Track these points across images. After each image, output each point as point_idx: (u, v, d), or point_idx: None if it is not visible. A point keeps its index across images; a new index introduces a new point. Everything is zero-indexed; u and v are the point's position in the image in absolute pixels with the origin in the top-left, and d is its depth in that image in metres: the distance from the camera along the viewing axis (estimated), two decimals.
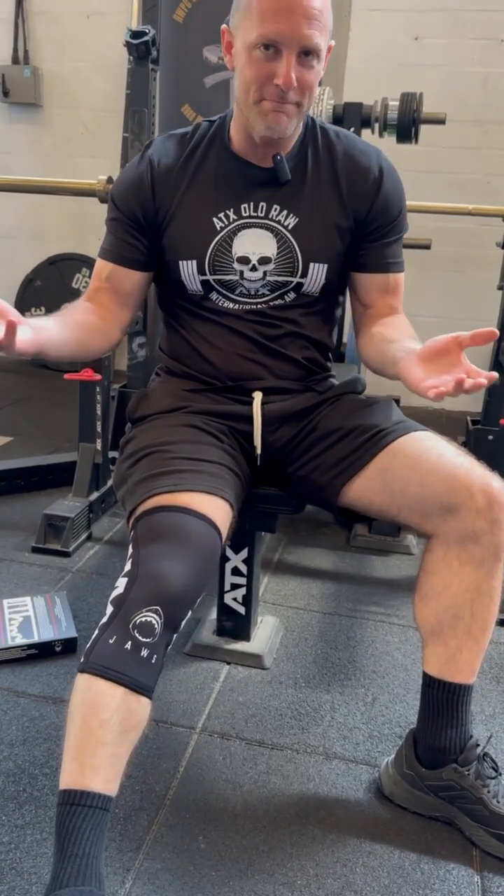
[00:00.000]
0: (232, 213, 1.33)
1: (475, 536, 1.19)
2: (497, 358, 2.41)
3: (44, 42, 3.96)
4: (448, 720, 1.28)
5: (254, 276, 1.34)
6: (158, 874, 1.19)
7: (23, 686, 1.61)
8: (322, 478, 1.36)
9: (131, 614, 1.06)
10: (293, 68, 1.18)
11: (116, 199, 1.37)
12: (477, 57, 3.46)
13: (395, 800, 1.35)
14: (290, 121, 1.25)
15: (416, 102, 2.37)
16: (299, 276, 1.34)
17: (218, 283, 1.35)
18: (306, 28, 1.16)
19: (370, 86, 2.94)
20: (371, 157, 1.36)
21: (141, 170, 1.34)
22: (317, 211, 1.33)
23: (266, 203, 1.32)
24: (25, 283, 4.24)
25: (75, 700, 1.06)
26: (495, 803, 1.27)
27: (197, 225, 1.33)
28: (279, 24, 1.16)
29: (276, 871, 1.21)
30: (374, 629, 1.90)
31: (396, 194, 1.37)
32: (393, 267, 1.41)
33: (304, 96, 1.23)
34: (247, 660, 1.72)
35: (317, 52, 1.19)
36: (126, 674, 1.04)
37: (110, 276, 1.38)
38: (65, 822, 1.01)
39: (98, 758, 1.03)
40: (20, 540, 2.23)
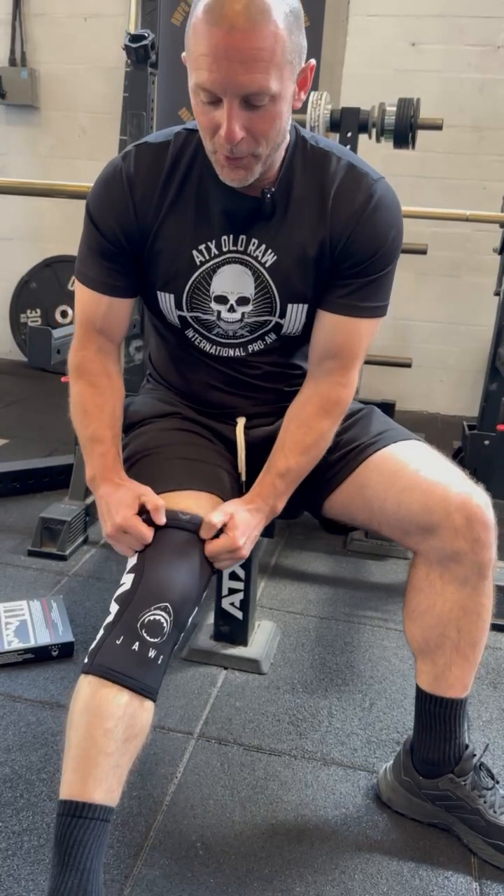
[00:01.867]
0: (213, 248, 1.20)
1: (456, 556, 1.16)
2: (494, 364, 2.41)
3: (41, 44, 3.96)
4: (442, 733, 1.27)
5: (231, 318, 1.24)
6: (157, 881, 1.19)
7: (19, 691, 1.60)
8: (304, 491, 1.33)
9: (139, 613, 1.04)
10: (236, 118, 1.02)
11: (96, 217, 1.21)
12: (474, 63, 3.48)
13: (393, 806, 1.35)
14: (249, 173, 1.10)
15: (413, 108, 2.37)
16: (277, 316, 1.24)
17: (195, 321, 1.26)
18: (244, 74, 0.99)
19: (367, 91, 2.95)
20: (365, 184, 1.18)
21: (119, 187, 1.19)
22: (297, 247, 1.19)
23: (245, 236, 1.19)
24: (21, 285, 4.23)
25: (78, 705, 1.04)
26: (492, 813, 1.26)
27: (177, 256, 1.21)
28: (213, 73, 1.00)
29: (274, 877, 1.21)
30: (371, 634, 1.90)
31: (383, 227, 1.18)
32: (357, 311, 1.21)
33: (258, 145, 1.07)
34: (244, 665, 1.71)
35: (267, 94, 1.02)
36: (133, 676, 1.03)
37: (106, 313, 1.26)
38: (65, 833, 1.00)
39: (101, 769, 1.01)
40: (16, 543, 2.23)
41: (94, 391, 1.27)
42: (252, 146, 1.07)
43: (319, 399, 1.27)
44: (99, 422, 1.25)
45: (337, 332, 1.23)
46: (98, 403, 1.26)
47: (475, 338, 3.72)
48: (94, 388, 1.28)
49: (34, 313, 4.24)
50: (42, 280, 4.21)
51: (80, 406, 1.28)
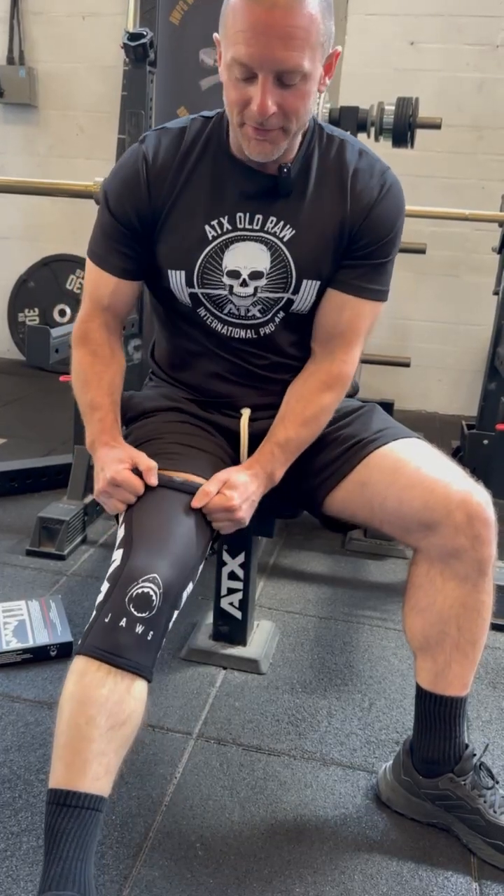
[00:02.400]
0: (226, 223, 1.23)
1: (456, 553, 1.17)
2: (493, 364, 2.41)
3: (39, 43, 3.95)
4: (442, 732, 1.27)
5: (244, 292, 1.26)
6: (156, 882, 1.18)
7: (18, 691, 1.59)
8: (305, 486, 1.34)
9: (127, 587, 1.03)
10: (269, 93, 1.07)
11: (111, 201, 1.26)
12: (472, 62, 3.48)
13: (393, 806, 1.35)
14: (275, 147, 1.15)
15: (411, 107, 2.37)
16: (291, 291, 1.26)
17: (206, 298, 1.27)
18: (281, 50, 1.04)
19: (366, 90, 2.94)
20: (378, 169, 1.25)
21: (135, 167, 1.24)
22: (315, 224, 1.23)
23: (262, 215, 1.23)
24: (19, 284, 4.23)
25: (66, 691, 1.04)
26: (492, 813, 1.26)
27: (188, 232, 1.24)
28: (251, 47, 1.05)
29: (273, 878, 1.20)
30: (371, 634, 1.90)
31: (393, 214, 1.25)
32: (366, 293, 1.27)
33: (289, 121, 1.12)
34: (243, 665, 1.71)
35: (300, 73, 1.07)
36: (119, 654, 1.01)
37: (114, 292, 1.31)
38: (51, 822, 1.00)
39: (84, 756, 1.00)
40: (14, 543, 2.22)
41: (94, 359, 1.31)
42: (282, 120, 1.12)
43: (321, 374, 1.31)
44: (98, 389, 1.29)
45: (344, 311, 1.28)
46: (98, 371, 1.30)
47: (474, 337, 3.73)
48: (95, 356, 1.31)
49: (32, 312, 4.24)
50: (40, 279, 4.20)
51: (81, 373, 1.31)
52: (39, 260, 4.18)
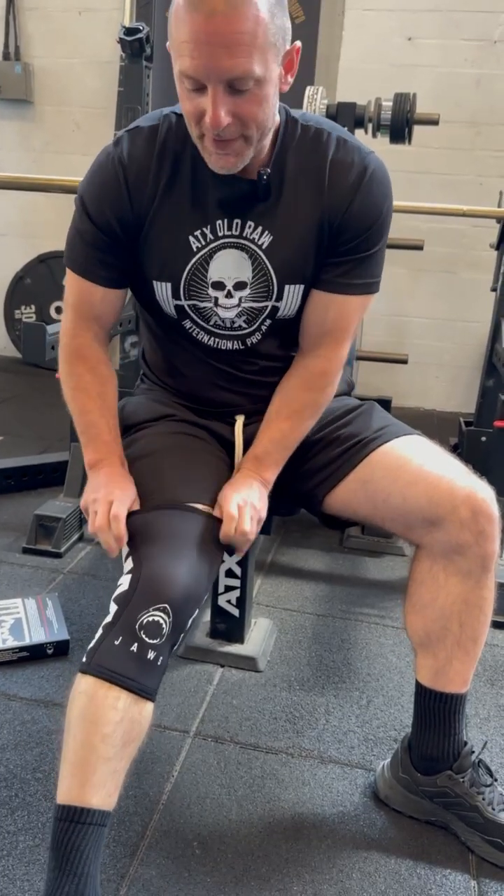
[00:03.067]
0: (209, 233, 1.19)
1: (460, 549, 1.16)
2: (490, 360, 2.41)
3: (35, 38, 3.93)
4: (441, 729, 1.26)
5: (229, 304, 1.22)
6: (153, 881, 1.18)
7: (14, 689, 1.59)
8: (304, 486, 1.33)
9: (137, 613, 1.03)
10: (221, 104, 1.02)
11: (90, 207, 1.19)
12: (470, 58, 3.47)
13: (391, 804, 1.34)
14: (238, 158, 1.10)
15: (409, 103, 2.36)
16: (274, 299, 1.23)
17: (192, 310, 1.24)
18: (227, 58, 0.98)
19: (363, 86, 2.94)
20: (358, 157, 1.18)
21: (113, 171, 1.17)
22: (292, 228, 1.18)
23: (240, 220, 1.18)
24: (15, 281, 4.21)
25: (77, 708, 1.03)
26: (490, 810, 1.26)
27: (173, 244, 1.19)
28: (195, 59, 0.99)
29: (271, 876, 1.20)
30: (368, 631, 1.89)
31: (377, 200, 1.18)
32: (351, 288, 1.22)
33: (247, 128, 1.06)
34: (241, 662, 1.70)
35: (251, 78, 1.01)
36: (131, 678, 1.02)
37: (102, 301, 1.25)
38: (63, 838, 0.99)
39: (99, 774, 1.00)
40: (10, 541, 2.21)
41: (94, 378, 1.27)
42: (240, 129, 1.06)
43: (305, 372, 1.29)
44: (101, 411, 1.26)
45: (330, 310, 1.24)
46: (100, 392, 1.27)
47: (471, 334, 3.72)
48: (95, 375, 1.28)
49: (28, 309, 4.23)
50: (36, 276, 4.19)
51: (82, 391, 1.27)
52: (36, 257, 4.16)
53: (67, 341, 1.29)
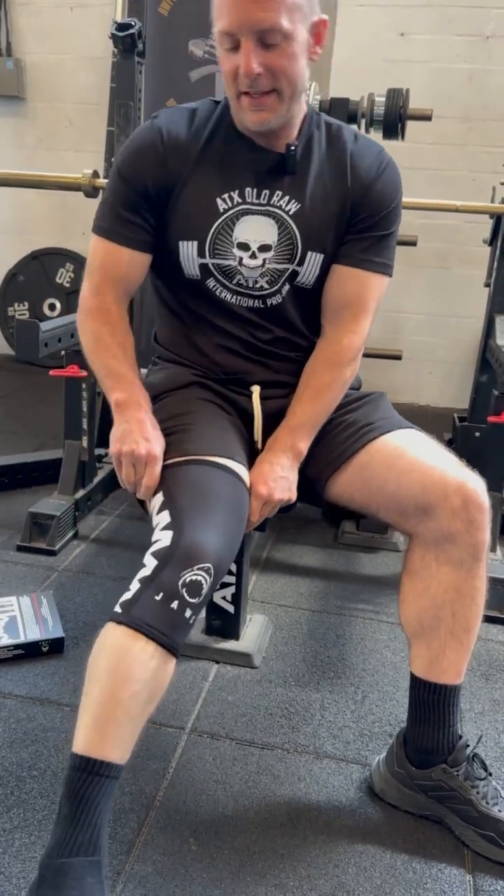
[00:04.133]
0: (237, 196, 1.28)
1: (451, 537, 1.18)
2: (484, 355, 2.41)
3: (27, 34, 3.92)
4: (436, 721, 1.27)
5: (253, 264, 1.30)
6: (149, 877, 1.18)
7: (9, 687, 1.58)
8: (311, 471, 1.36)
9: (180, 572, 1.03)
10: (253, 55, 1.14)
11: (125, 170, 1.28)
12: (463, 53, 3.47)
13: (386, 798, 1.35)
14: (271, 114, 1.21)
15: (402, 98, 2.36)
16: (296, 263, 1.31)
17: (216, 269, 1.31)
18: (257, 11, 1.11)
19: (356, 81, 2.93)
20: (375, 150, 1.33)
21: (152, 138, 1.28)
22: (318, 200, 1.29)
23: (269, 190, 1.29)
24: (8, 279, 4.20)
25: (106, 659, 1.03)
26: (484, 804, 1.26)
27: (201, 204, 1.28)
28: (230, 16, 1.14)
29: (267, 872, 1.20)
30: (363, 627, 1.89)
31: (392, 188, 1.32)
32: (370, 265, 1.32)
33: (278, 81, 1.17)
34: (236, 659, 1.71)
35: (280, 32, 1.13)
36: (166, 634, 1.03)
37: (129, 263, 1.31)
38: (79, 789, 1.01)
39: (123, 729, 1.03)
40: (5, 539, 2.21)
41: (114, 331, 1.31)
42: (271, 82, 1.17)
43: (327, 350, 1.36)
44: (123, 358, 1.30)
45: (349, 283, 1.33)
46: (121, 343, 1.31)
47: (464, 329, 3.73)
48: (115, 329, 1.31)
49: (22, 307, 4.21)
50: (29, 273, 4.17)
51: (102, 342, 1.31)
52: (28, 254, 4.15)
53: (88, 298, 1.33)
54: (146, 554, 1.08)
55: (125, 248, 1.30)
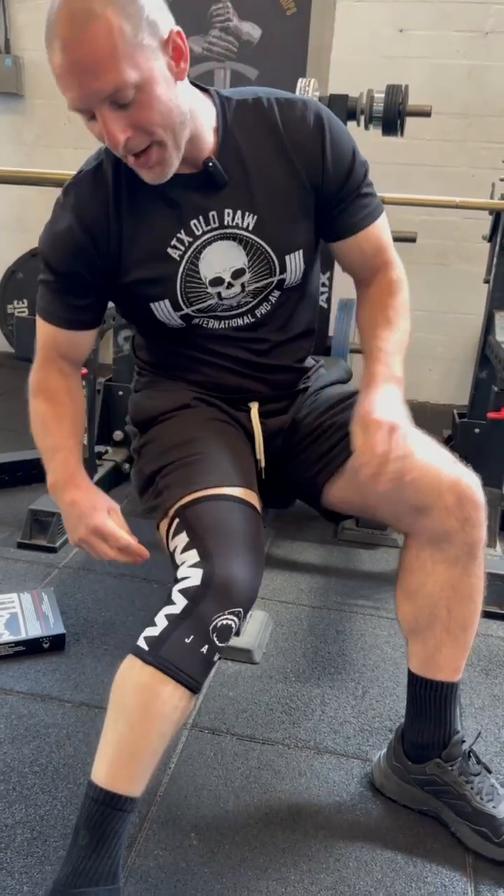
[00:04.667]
0: (185, 236, 1.18)
1: (447, 535, 1.17)
2: (484, 352, 2.41)
3: (25, 30, 3.91)
4: (432, 717, 1.27)
5: (231, 293, 1.23)
6: (151, 872, 1.18)
7: (10, 684, 1.59)
8: (305, 475, 1.34)
9: (212, 615, 1.01)
10: (113, 123, 1.01)
11: (53, 261, 1.20)
12: (462, 49, 3.46)
13: (385, 792, 1.35)
14: (164, 166, 1.09)
15: (401, 95, 2.36)
16: (278, 273, 1.23)
17: (197, 312, 1.24)
18: (94, 81, 0.98)
19: (355, 78, 2.93)
20: (302, 109, 1.18)
21: (70, 228, 1.17)
22: (272, 198, 1.18)
23: (216, 212, 1.18)
24: (8, 276, 4.19)
25: (135, 697, 1.02)
26: (478, 800, 1.26)
27: (154, 263, 1.19)
28: (70, 92, 1.00)
29: (268, 866, 1.21)
30: (363, 623, 1.90)
31: (340, 143, 1.19)
32: (367, 219, 1.25)
33: (152, 134, 1.04)
34: (236, 655, 1.71)
35: (128, 88, 0.99)
36: (195, 678, 1.02)
37: (69, 342, 1.26)
38: (102, 821, 1.02)
39: (149, 768, 1.05)
40: (5, 536, 2.21)
41: (51, 405, 1.26)
42: (147, 137, 1.05)
43: (379, 286, 1.28)
44: (59, 432, 1.24)
45: (364, 246, 1.27)
46: (57, 415, 1.26)
47: (464, 326, 3.73)
48: (53, 402, 1.27)
49: (21, 304, 4.21)
50: (29, 270, 4.16)
51: (40, 420, 1.26)
52: (28, 251, 4.14)
53: (32, 374, 1.29)
54: (173, 590, 1.05)
55: (62, 331, 1.25)
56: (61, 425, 1.25)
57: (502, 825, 1.24)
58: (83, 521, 1.13)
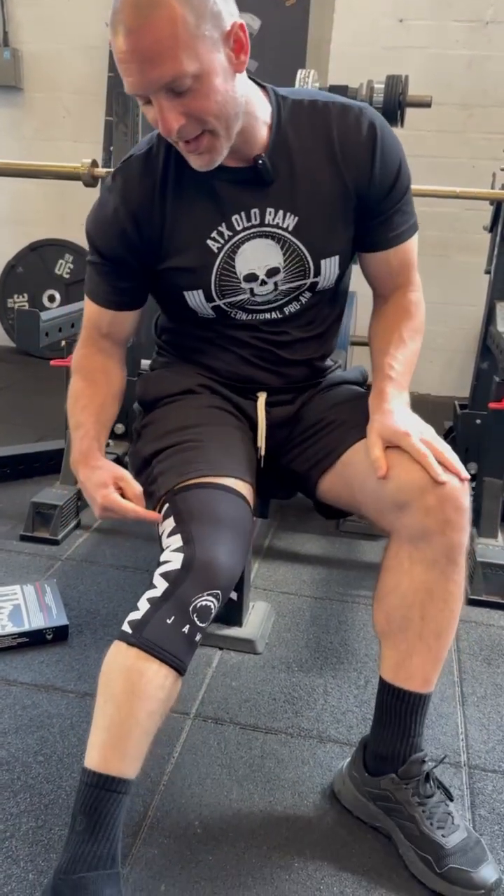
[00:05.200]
0: (226, 230, 1.20)
1: (425, 535, 1.11)
2: (485, 342, 2.41)
3: (24, 23, 3.90)
4: (396, 728, 1.21)
5: (264, 291, 1.24)
6: (155, 860, 1.19)
7: (14, 675, 1.59)
8: (301, 468, 1.34)
9: (192, 596, 1.04)
10: (168, 110, 1.04)
11: (98, 243, 1.24)
12: (462, 39, 3.45)
13: (342, 800, 1.31)
14: (214, 154, 1.11)
15: (401, 85, 2.35)
16: (312, 276, 1.25)
17: (228, 305, 1.27)
18: (153, 69, 1.00)
19: (354, 68, 2.92)
20: (357, 116, 1.19)
21: (116, 211, 1.20)
22: (315, 201, 1.20)
23: (258, 209, 1.19)
24: (7, 270, 4.19)
25: (123, 681, 1.04)
26: (428, 825, 1.18)
27: (193, 253, 1.21)
28: (129, 77, 1.03)
29: (272, 854, 1.21)
30: (365, 613, 1.90)
31: (392, 150, 1.20)
32: (403, 236, 1.27)
33: (206, 123, 1.06)
34: (239, 645, 1.72)
35: (186, 77, 1.01)
36: (179, 657, 1.04)
37: (111, 323, 1.30)
38: (96, 805, 1.03)
39: (140, 748, 1.05)
40: (8, 528, 2.22)
41: (86, 384, 1.29)
42: (199, 125, 1.07)
43: (395, 307, 1.32)
44: (84, 410, 1.26)
45: (392, 262, 1.29)
46: (88, 394, 1.28)
47: (464, 317, 3.72)
48: (87, 381, 1.29)
49: (21, 298, 4.21)
50: (28, 264, 4.17)
51: (72, 396, 1.29)
52: (27, 245, 4.14)
53: (76, 351, 1.33)
54: (154, 574, 1.08)
55: (108, 311, 1.29)
56: (90, 404, 1.27)
57: (448, 856, 1.16)
58: (94, 499, 1.16)
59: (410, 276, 1.33)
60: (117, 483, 1.16)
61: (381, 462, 1.12)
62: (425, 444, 1.11)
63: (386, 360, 1.24)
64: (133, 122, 2.36)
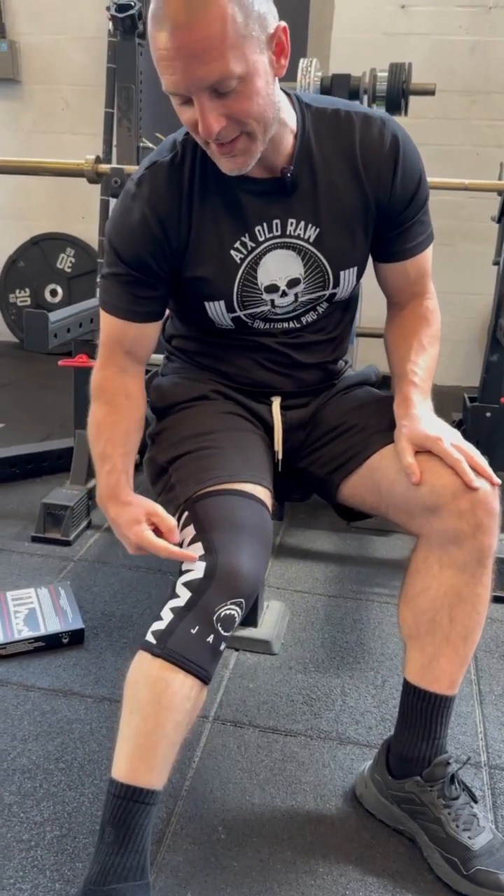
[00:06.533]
0: (249, 241, 1.19)
1: (457, 539, 1.13)
2: (494, 335, 2.39)
3: (21, 15, 3.85)
4: (421, 730, 1.21)
5: (285, 302, 1.24)
6: (181, 867, 1.19)
7: (32, 680, 1.59)
8: (321, 471, 1.33)
9: (215, 606, 1.03)
10: (209, 111, 1.01)
11: (122, 250, 1.19)
12: (465, 25, 3.41)
13: (364, 804, 1.31)
14: (248, 156, 1.09)
15: (405, 73, 2.32)
16: (331, 287, 1.25)
17: (248, 317, 1.26)
18: (200, 67, 0.97)
19: (356, 56, 2.89)
20: (380, 128, 1.18)
21: (142, 214, 1.17)
22: (337, 213, 1.19)
23: (280, 219, 1.19)
24: (8, 265, 4.17)
25: (147, 692, 1.04)
26: (454, 826, 1.18)
27: (216, 263, 1.20)
28: (172, 75, 0.99)
29: (297, 859, 1.22)
30: (380, 610, 1.90)
31: (413, 162, 1.20)
32: (421, 246, 1.28)
33: (245, 125, 1.04)
34: (255, 646, 1.71)
35: (232, 78, 0.99)
36: (204, 668, 1.04)
37: (136, 337, 1.25)
38: (125, 816, 1.03)
39: (168, 759, 1.05)
40: (18, 529, 2.21)
41: (108, 409, 1.25)
42: (238, 127, 1.05)
43: (411, 315, 1.34)
44: (109, 439, 1.22)
45: (409, 272, 1.31)
46: (111, 422, 1.24)
47: (471, 307, 3.70)
48: (110, 406, 1.25)
49: (23, 293, 4.19)
50: (30, 259, 4.14)
51: (95, 424, 1.25)
52: (28, 239, 4.12)
53: (93, 376, 1.28)
54: (177, 583, 1.07)
55: (132, 324, 1.24)
56: (114, 432, 1.23)
57: (474, 858, 1.16)
58: (127, 538, 1.14)
59: (426, 285, 1.34)
60: (150, 519, 1.13)
61: (415, 468, 1.12)
62: (456, 448, 1.11)
63: (409, 367, 1.26)
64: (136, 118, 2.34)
